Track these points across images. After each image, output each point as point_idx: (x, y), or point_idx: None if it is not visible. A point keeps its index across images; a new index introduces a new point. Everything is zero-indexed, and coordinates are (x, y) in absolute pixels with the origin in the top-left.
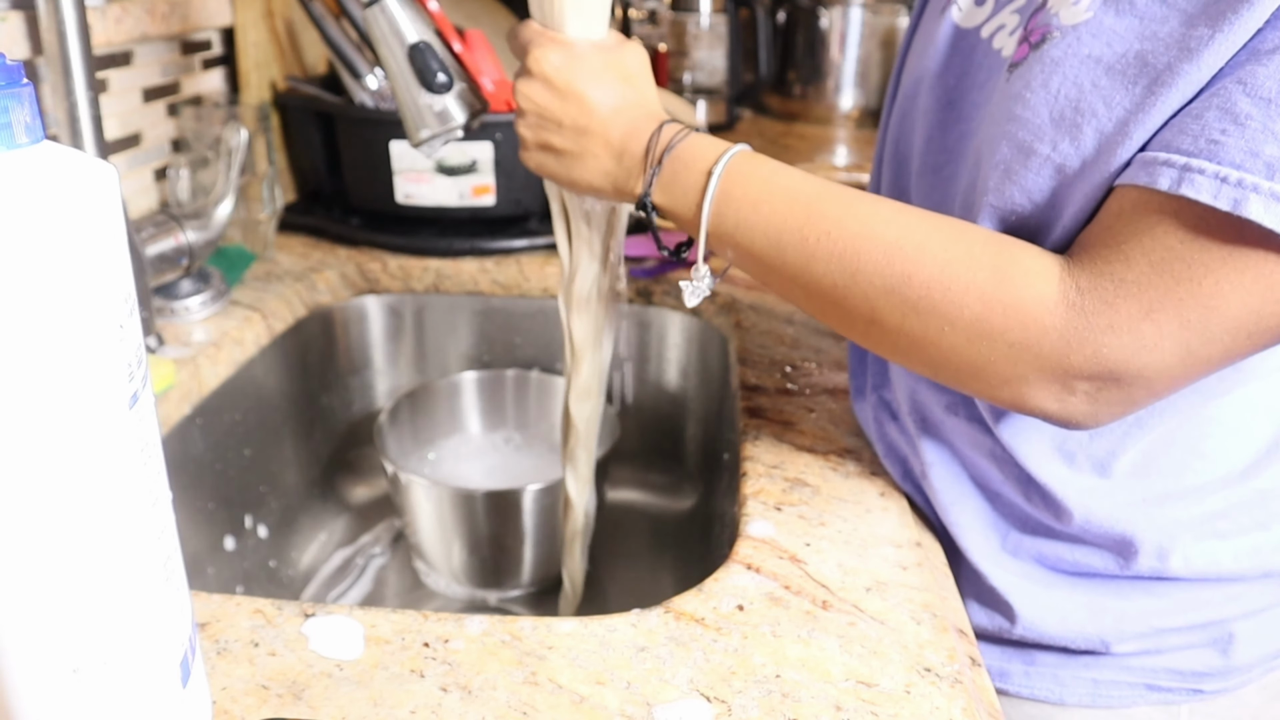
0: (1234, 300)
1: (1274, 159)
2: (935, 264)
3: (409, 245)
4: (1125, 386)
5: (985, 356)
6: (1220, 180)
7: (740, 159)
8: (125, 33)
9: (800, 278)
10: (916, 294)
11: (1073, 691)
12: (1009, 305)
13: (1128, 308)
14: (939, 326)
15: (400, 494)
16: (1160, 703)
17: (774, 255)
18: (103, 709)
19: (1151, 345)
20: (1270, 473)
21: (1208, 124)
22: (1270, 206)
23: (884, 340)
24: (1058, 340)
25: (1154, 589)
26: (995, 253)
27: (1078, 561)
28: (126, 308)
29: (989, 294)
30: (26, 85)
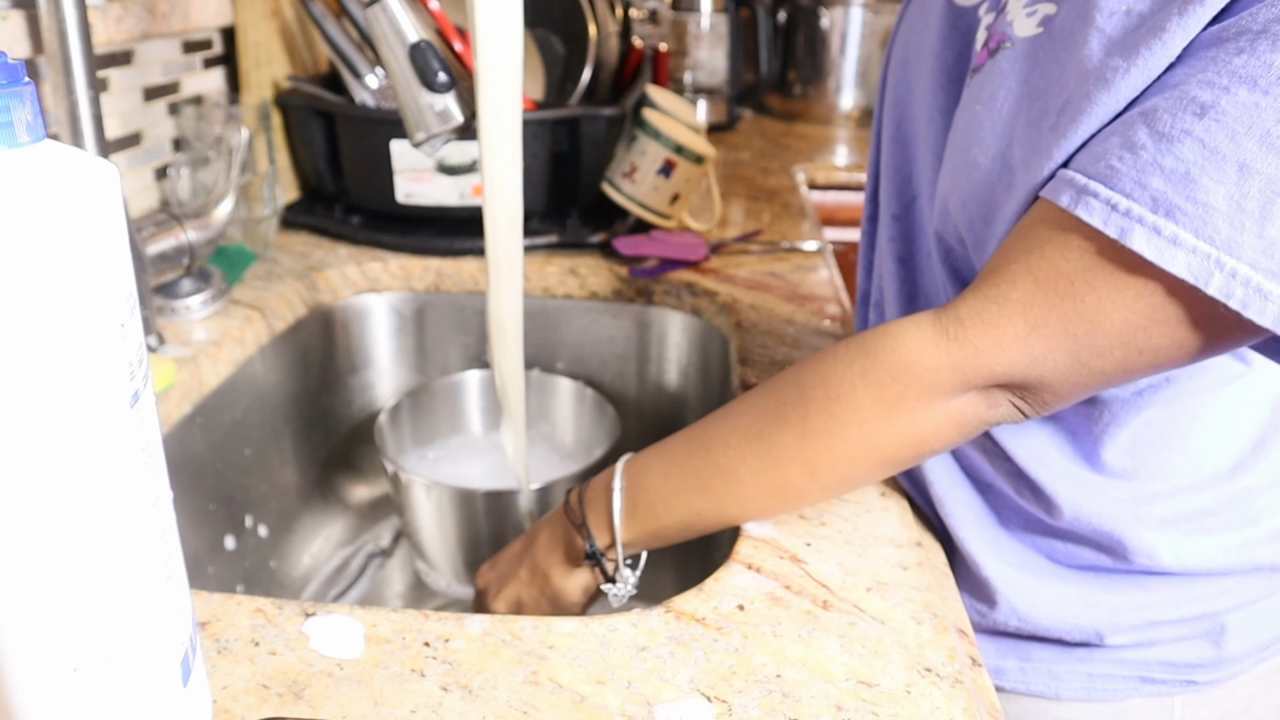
0: (1116, 318)
1: (1159, 193)
2: (818, 388)
3: (410, 244)
4: (1036, 391)
5: (908, 422)
6: (1110, 207)
7: (631, 464)
8: (126, 32)
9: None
10: (819, 420)
11: (1068, 686)
12: (892, 368)
13: (1012, 326)
14: (857, 430)
15: (400, 493)
16: (1154, 694)
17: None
18: (103, 708)
19: (1041, 358)
20: (1257, 470)
21: (1110, 149)
22: (1152, 239)
23: (834, 478)
24: (951, 373)
25: (1146, 583)
26: (859, 342)
27: (1071, 555)
28: (127, 306)
29: (870, 373)
30: (28, 84)
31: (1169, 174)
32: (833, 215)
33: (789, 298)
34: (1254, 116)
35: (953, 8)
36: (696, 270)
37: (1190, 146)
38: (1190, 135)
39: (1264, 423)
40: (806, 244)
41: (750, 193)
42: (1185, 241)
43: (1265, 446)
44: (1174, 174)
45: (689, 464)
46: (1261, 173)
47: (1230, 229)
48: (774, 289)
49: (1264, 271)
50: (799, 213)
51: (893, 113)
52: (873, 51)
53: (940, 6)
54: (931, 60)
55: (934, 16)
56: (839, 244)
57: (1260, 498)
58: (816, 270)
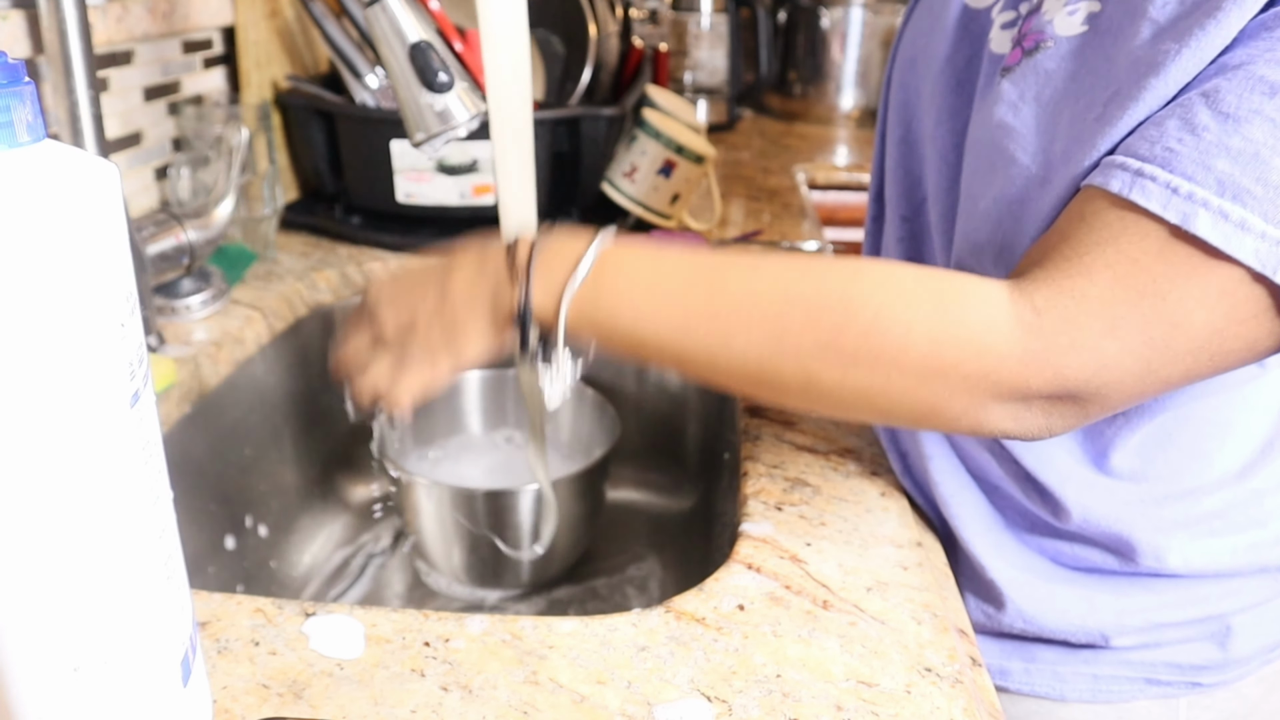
0: (1198, 320)
1: (1225, 175)
2: (868, 309)
3: (410, 244)
4: (1082, 404)
5: (939, 394)
6: (1171, 190)
7: (616, 248)
8: (126, 31)
9: (720, 357)
10: (854, 344)
11: (1073, 687)
12: (958, 336)
13: (1091, 325)
14: (885, 373)
15: (400, 493)
16: (1159, 696)
17: (684, 340)
18: (103, 707)
19: (1114, 364)
20: (1266, 472)
21: (1167, 132)
22: (1218, 224)
23: (825, 399)
24: (1016, 365)
25: (1152, 585)
26: (932, 285)
27: (1077, 557)
28: (128, 306)
29: (934, 329)
30: (28, 84)
31: (1236, 155)
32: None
33: None
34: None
35: (966, 10)
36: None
37: (1260, 126)
38: (1260, 114)
39: (1273, 425)
40: (807, 244)
41: (750, 193)
42: (1254, 226)
43: (1274, 448)
44: (1242, 155)
45: (684, 295)
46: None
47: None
48: None
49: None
50: (799, 213)
51: (899, 114)
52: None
53: (953, 9)
54: (941, 63)
55: (945, 19)
56: (839, 244)
57: (1268, 499)
58: None
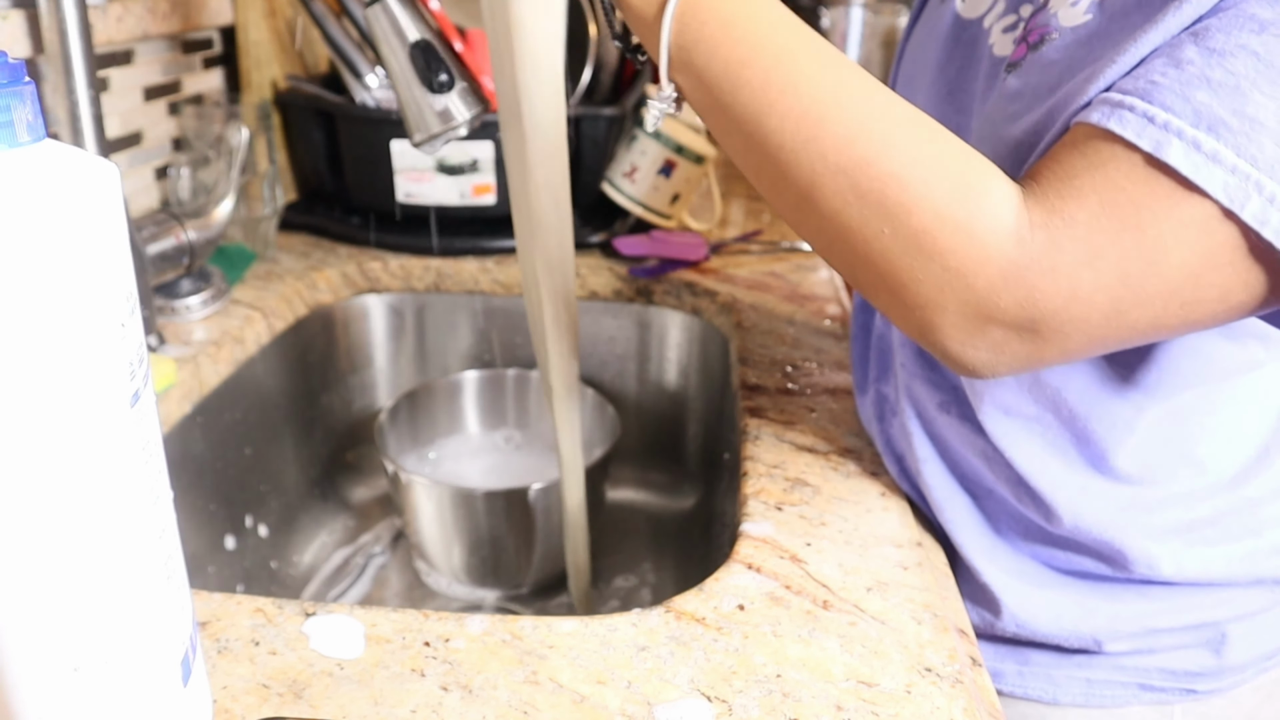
0: (1175, 257)
1: (1203, 105)
2: (899, 159)
3: (410, 244)
4: (1039, 340)
5: (912, 273)
6: (1147, 119)
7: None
8: (126, 31)
9: (749, 127)
10: (869, 184)
11: (1066, 691)
12: (961, 224)
13: (1073, 250)
14: (879, 227)
15: (400, 493)
16: (1153, 702)
17: (727, 91)
18: (103, 707)
19: (1085, 297)
20: (1260, 480)
21: (1153, 68)
22: (1189, 154)
23: (811, 222)
24: (995, 274)
25: (1146, 591)
26: (966, 167)
27: (1070, 562)
28: (128, 306)
29: (944, 206)
30: (28, 84)
31: (1216, 86)
32: None
33: (789, 297)
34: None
35: (958, 20)
36: (697, 270)
37: (1244, 60)
38: (1245, 49)
39: (1269, 433)
40: (807, 244)
41: (750, 193)
42: (1225, 159)
43: (1269, 457)
44: (1222, 86)
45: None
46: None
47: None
48: (774, 289)
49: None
50: None
51: None
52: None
53: (947, 19)
54: (934, 73)
55: (939, 30)
56: None
57: (1264, 509)
58: (816, 270)
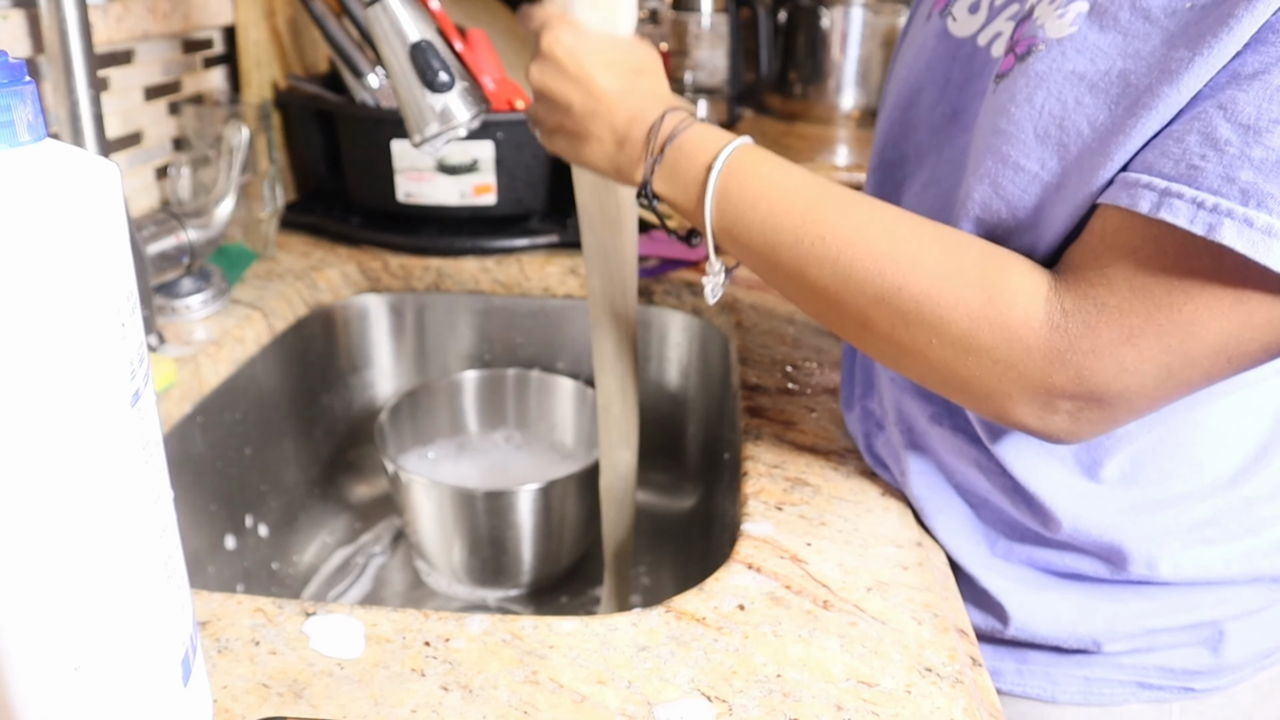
0: (1213, 327)
1: (1249, 185)
2: (927, 278)
3: (410, 244)
4: (1107, 407)
5: (971, 371)
6: (1197, 205)
7: (742, 153)
8: (126, 31)
9: (795, 279)
10: (906, 306)
11: (1064, 690)
12: (995, 322)
13: (1109, 333)
14: (927, 339)
15: (400, 493)
16: (1152, 701)
17: (769, 255)
18: (104, 707)
19: (1132, 369)
20: (1258, 480)
21: (1188, 148)
22: (1243, 232)
23: (875, 346)
24: (1041, 360)
25: (1145, 592)
26: (987, 269)
27: (1068, 566)
28: (128, 306)
29: (977, 311)
30: (29, 83)
31: (1259, 165)
32: None
33: None
34: None
35: (949, 40)
36: (697, 270)
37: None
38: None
39: (1266, 432)
40: None
41: None
42: (1278, 231)
43: (1267, 456)
44: (1264, 164)
45: (782, 215)
46: None
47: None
48: None
49: None
50: None
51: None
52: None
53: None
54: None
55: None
56: None
57: (1261, 508)
58: None
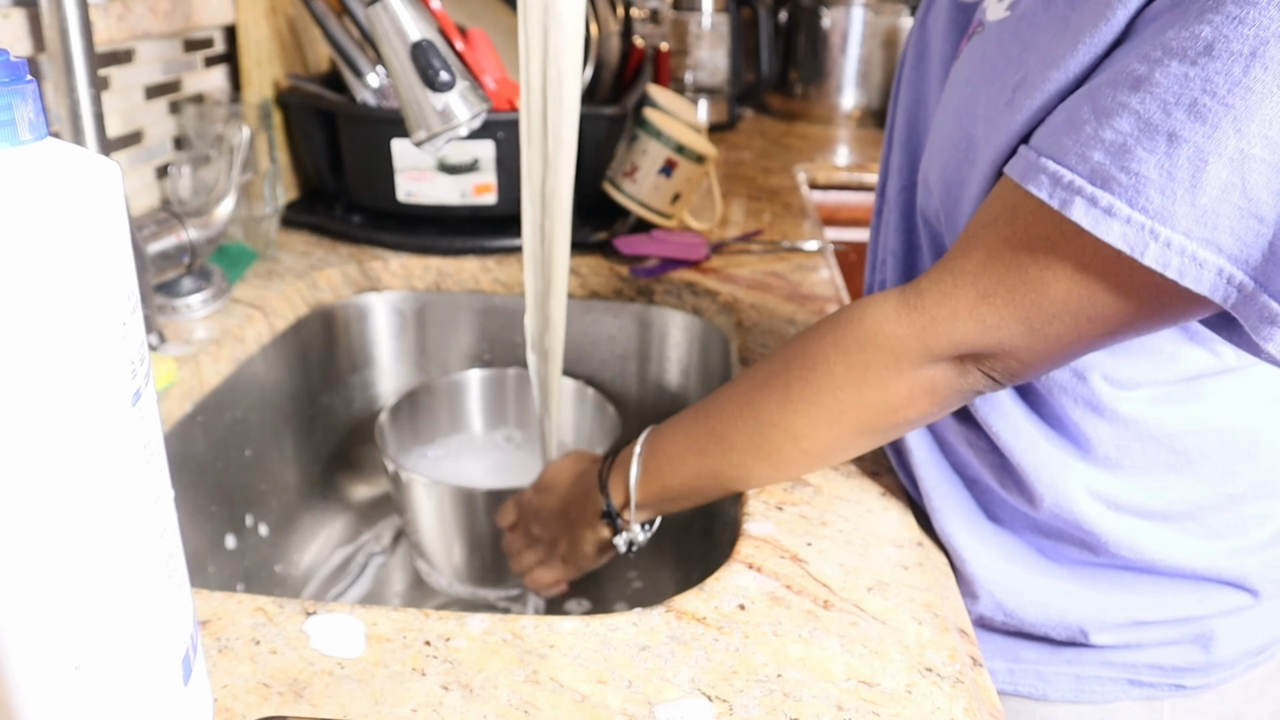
0: (1059, 287)
1: (1098, 164)
2: (799, 359)
3: (411, 244)
4: (998, 358)
5: (878, 388)
6: (1055, 180)
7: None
8: (127, 30)
9: (742, 460)
10: (798, 388)
11: (1056, 687)
12: (860, 339)
13: (964, 295)
14: (833, 397)
15: (401, 492)
16: (1142, 698)
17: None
18: (104, 706)
19: (994, 325)
20: (1243, 478)
21: (1057, 126)
22: (1089, 210)
23: (818, 438)
24: (913, 341)
25: (1132, 583)
26: (834, 317)
27: (1055, 550)
28: (129, 305)
29: (841, 344)
30: (30, 82)
31: (1108, 146)
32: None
33: (790, 297)
34: (1183, 87)
35: (955, 4)
36: (697, 270)
37: (1126, 119)
38: (1126, 108)
39: (1255, 430)
40: (807, 244)
41: (751, 192)
42: (1120, 211)
43: (1254, 455)
44: (1112, 146)
45: (693, 430)
46: (1190, 141)
47: (1163, 199)
48: (775, 289)
49: (1198, 240)
50: (800, 212)
51: (906, 108)
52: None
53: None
54: (936, 58)
55: (941, 15)
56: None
57: (1247, 506)
58: (817, 270)
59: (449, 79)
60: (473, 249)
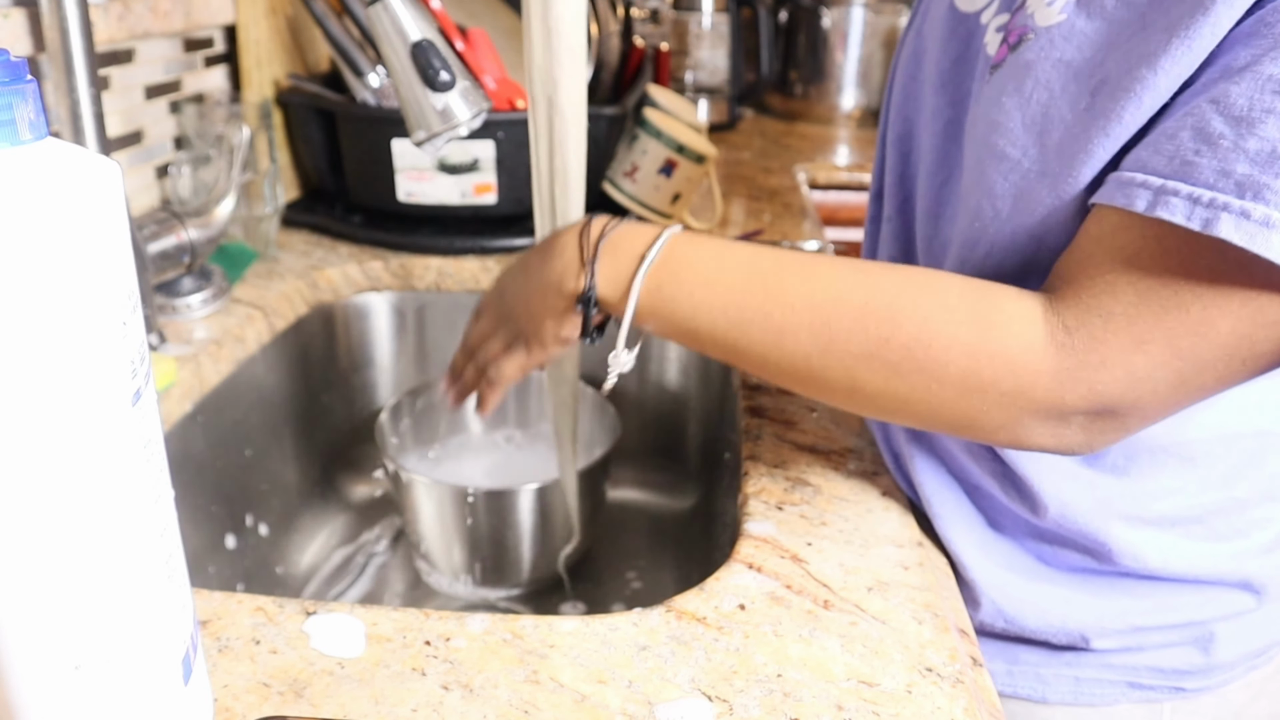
0: (1223, 327)
1: (1245, 178)
2: (912, 322)
3: (411, 243)
4: (1120, 417)
5: (977, 408)
6: (1193, 201)
7: (680, 240)
8: (127, 30)
9: (771, 355)
10: (897, 356)
11: (1055, 689)
12: (996, 354)
13: (1118, 342)
14: (925, 385)
15: (401, 492)
16: (1142, 700)
17: (738, 336)
18: (105, 706)
19: (1144, 377)
20: (1249, 482)
21: (1181, 144)
22: (1241, 225)
23: (869, 404)
24: (1050, 382)
25: (1134, 588)
26: (974, 301)
27: (1058, 557)
28: (129, 305)
29: (974, 346)
30: (30, 81)
31: (1254, 157)
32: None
33: None
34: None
35: (954, 13)
36: None
37: (1274, 125)
38: (1273, 113)
39: (1262, 434)
40: (807, 244)
41: (751, 192)
42: (1278, 222)
43: (1262, 458)
44: (1259, 155)
45: (742, 291)
46: None
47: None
48: None
49: None
50: (800, 212)
51: (899, 114)
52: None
53: (943, 11)
54: (931, 64)
55: (937, 21)
56: (840, 244)
57: (1252, 510)
58: None
59: (449, 79)
60: (473, 249)
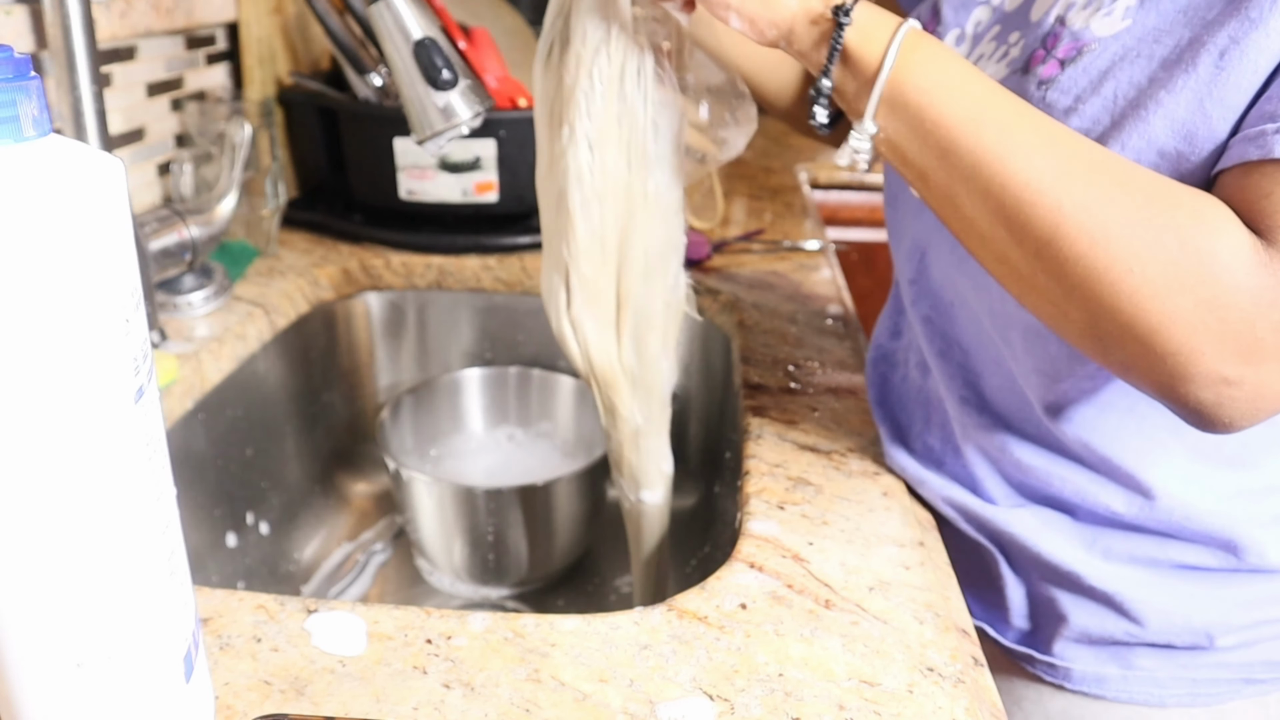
0: None
1: None
2: (1143, 189)
3: (412, 242)
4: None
5: (1167, 311)
6: None
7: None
8: (129, 27)
9: (988, 165)
10: (1119, 214)
11: (1172, 693)
12: (1205, 252)
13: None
14: (1128, 263)
15: (402, 491)
16: (1255, 695)
17: (969, 130)
18: (106, 703)
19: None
20: None
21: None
22: None
23: (1050, 268)
24: (1248, 303)
25: (1254, 580)
26: (1191, 195)
27: (1176, 558)
28: (132, 302)
29: (1186, 235)
30: (34, 78)
31: None
32: (835, 215)
33: (791, 297)
34: None
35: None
36: (699, 269)
37: None
38: None
39: None
40: (809, 243)
41: (753, 192)
42: None
43: None
44: None
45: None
46: None
47: None
48: (776, 288)
49: None
50: (801, 212)
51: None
52: None
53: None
54: None
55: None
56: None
57: None
58: (819, 269)
59: (451, 77)
60: (474, 247)
